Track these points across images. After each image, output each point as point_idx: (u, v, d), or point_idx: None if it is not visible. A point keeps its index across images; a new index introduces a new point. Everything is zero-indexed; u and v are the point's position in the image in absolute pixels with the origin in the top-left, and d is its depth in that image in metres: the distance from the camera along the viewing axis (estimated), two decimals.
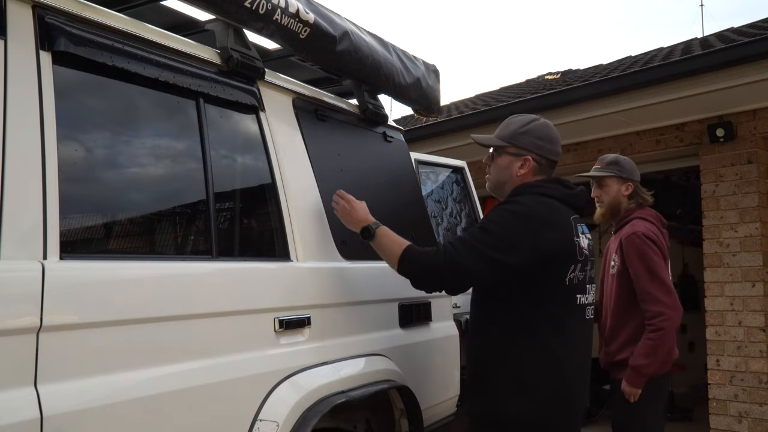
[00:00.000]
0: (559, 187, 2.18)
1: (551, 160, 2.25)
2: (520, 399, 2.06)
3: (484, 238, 2.04)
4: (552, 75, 8.58)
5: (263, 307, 2.01)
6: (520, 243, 2.01)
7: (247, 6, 2.09)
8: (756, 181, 5.12)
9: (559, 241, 2.06)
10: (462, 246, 2.05)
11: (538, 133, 2.23)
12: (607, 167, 3.08)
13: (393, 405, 2.52)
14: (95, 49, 1.71)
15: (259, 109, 2.24)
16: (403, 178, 2.99)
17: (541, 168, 2.23)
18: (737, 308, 5.15)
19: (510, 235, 2.03)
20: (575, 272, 2.09)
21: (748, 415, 5.04)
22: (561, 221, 2.10)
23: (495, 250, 2.01)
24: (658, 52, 6.74)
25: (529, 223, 2.04)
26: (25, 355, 1.39)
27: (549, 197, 2.12)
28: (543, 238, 2.02)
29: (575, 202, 2.20)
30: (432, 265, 2.05)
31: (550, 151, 2.24)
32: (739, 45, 4.59)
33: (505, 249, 2.01)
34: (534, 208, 2.07)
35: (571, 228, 2.11)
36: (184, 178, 2.01)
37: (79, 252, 1.65)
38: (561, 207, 2.13)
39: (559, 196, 2.15)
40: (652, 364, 2.83)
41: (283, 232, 2.20)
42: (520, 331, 2.08)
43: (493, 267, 2.02)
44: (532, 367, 2.06)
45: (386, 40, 2.90)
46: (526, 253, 2.01)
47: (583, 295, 2.15)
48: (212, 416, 1.79)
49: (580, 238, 2.14)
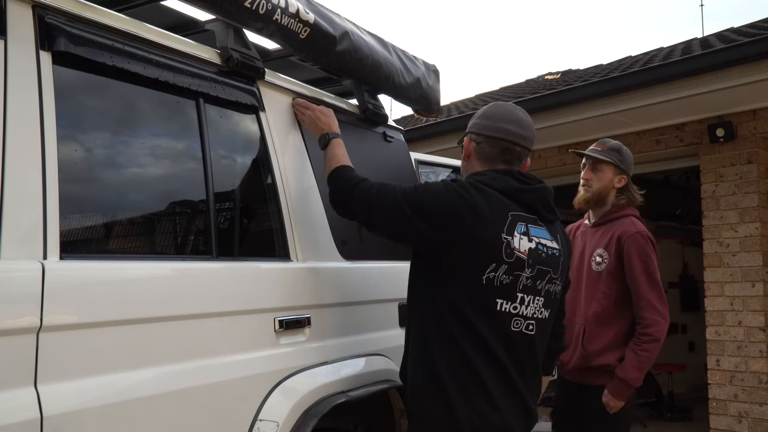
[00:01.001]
0: (506, 179, 1.94)
1: (491, 137, 1.99)
2: (434, 401, 1.87)
3: (410, 195, 1.91)
4: (552, 75, 8.58)
5: (263, 307, 2.01)
6: (436, 215, 1.87)
7: (247, 6, 2.09)
8: (756, 181, 5.13)
9: (479, 231, 1.84)
10: (391, 190, 1.95)
11: (483, 112, 2.04)
12: (607, 152, 2.83)
13: (393, 405, 2.52)
14: (95, 49, 1.71)
15: (259, 109, 2.24)
16: (403, 178, 2.98)
17: (481, 149, 2.01)
18: (737, 308, 5.15)
19: (431, 203, 1.88)
20: (497, 273, 1.85)
21: (748, 415, 5.04)
22: (490, 213, 1.86)
23: (412, 208, 1.88)
24: (658, 52, 6.74)
25: (451, 200, 1.86)
26: (25, 355, 1.39)
27: (488, 187, 1.89)
28: (460, 221, 1.84)
29: (525, 199, 1.94)
30: (355, 191, 1.99)
31: (486, 127, 1.99)
32: (739, 45, 4.60)
33: (422, 214, 1.88)
34: (463, 189, 1.87)
35: (502, 223, 1.87)
36: (184, 178, 2.01)
37: (79, 252, 1.65)
38: (500, 199, 1.89)
39: (502, 188, 1.91)
40: (642, 377, 2.63)
41: (283, 232, 2.20)
42: (432, 325, 1.91)
43: (405, 223, 1.90)
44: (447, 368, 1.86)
45: (386, 40, 2.90)
46: (437, 228, 1.86)
47: (509, 302, 1.88)
48: (212, 416, 1.79)
49: (515, 238, 1.87)
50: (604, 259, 2.77)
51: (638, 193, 2.89)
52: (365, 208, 1.99)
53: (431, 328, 1.91)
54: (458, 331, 1.86)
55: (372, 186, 1.99)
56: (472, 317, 1.86)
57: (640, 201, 2.89)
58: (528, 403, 1.96)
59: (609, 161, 2.82)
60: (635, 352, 2.61)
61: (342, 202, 2.07)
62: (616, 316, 2.73)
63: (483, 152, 2.02)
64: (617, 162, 2.81)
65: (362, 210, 2.01)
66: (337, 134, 2.23)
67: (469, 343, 1.85)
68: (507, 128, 1.99)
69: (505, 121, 2.00)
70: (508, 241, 1.86)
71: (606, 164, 2.83)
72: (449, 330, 1.87)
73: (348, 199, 2.03)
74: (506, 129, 1.99)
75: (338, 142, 2.21)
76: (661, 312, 2.64)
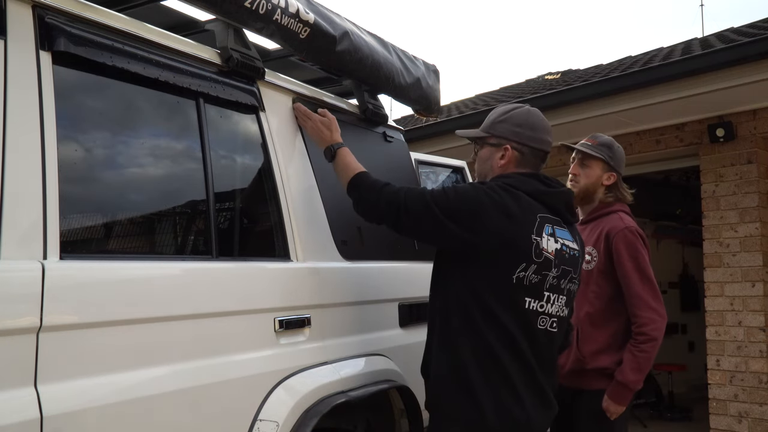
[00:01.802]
0: (532, 182, 2.02)
1: (535, 149, 2.08)
2: (458, 395, 1.93)
3: (440, 198, 1.95)
4: (552, 75, 8.58)
5: (263, 307, 2.01)
6: (466, 217, 1.91)
7: (247, 6, 2.09)
8: (756, 181, 5.12)
9: (510, 232, 1.90)
10: (419, 193, 2.00)
11: (517, 120, 2.09)
12: (597, 147, 2.72)
13: (393, 405, 2.52)
14: (95, 49, 1.71)
15: (259, 109, 2.24)
16: (403, 178, 2.98)
17: (523, 158, 2.08)
18: (737, 308, 5.15)
19: (462, 205, 1.93)
20: (527, 272, 1.91)
21: (748, 415, 5.04)
22: (521, 214, 1.93)
23: (442, 210, 1.93)
24: (658, 52, 6.74)
25: (482, 202, 1.91)
26: (25, 355, 1.39)
27: (516, 189, 1.97)
28: (492, 222, 1.89)
29: (550, 201, 2.02)
30: (382, 196, 2.03)
31: (531, 138, 2.07)
32: (739, 45, 4.60)
33: (452, 216, 1.92)
34: (493, 191, 1.93)
35: (532, 225, 1.94)
36: (184, 178, 2.01)
37: (79, 252, 1.65)
38: (528, 201, 1.96)
39: (529, 190, 1.98)
40: (642, 379, 2.52)
41: (283, 232, 2.20)
42: (459, 318, 1.96)
43: (435, 225, 1.94)
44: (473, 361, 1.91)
45: (386, 40, 2.90)
46: (468, 229, 1.91)
47: (536, 300, 1.95)
48: (212, 416, 1.79)
49: (544, 239, 1.95)
50: (593, 257, 2.66)
51: (628, 192, 2.79)
52: (395, 212, 2.02)
53: (458, 323, 1.96)
54: (485, 327, 1.91)
55: (399, 190, 2.04)
56: (500, 314, 1.91)
57: (629, 200, 2.78)
58: (549, 397, 2.03)
59: (598, 157, 2.70)
60: (633, 354, 2.51)
61: (369, 208, 2.11)
62: (610, 317, 2.62)
63: (524, 161, 2.08)
64: (607, 158, 2.70)
65: (392, 214, 2.03)
66: (341, 144, 2.25)
67: (496, 339, 1.91)
68: (547, 139, 2.12)
69: (545, 132, 2.12)
70: (538, 241, 1.93)
71: (595, 160, 2.71)
72: (477, 325, 1.92)
73: (375, 205, 2.07)
74: (546, 140, 2.12)
75: (345, 151, 2.23)
76: (656, 309, 2.53)
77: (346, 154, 2.23)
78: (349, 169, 2.18)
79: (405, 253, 2.77)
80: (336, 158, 2.23)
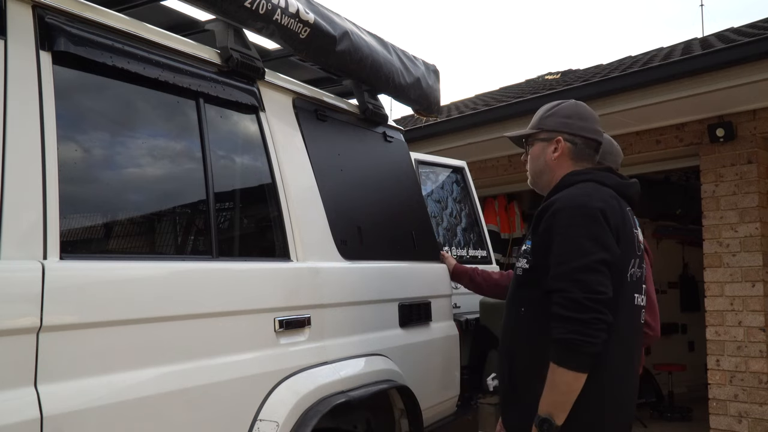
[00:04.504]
0: (612, 176, 1.98)
1: (587, 138, 2.03)
2: None
3: (586, 247, 1.76)
4: (552, 75, 8.58)
5: (263, 307, 2.01)
6: (607, 237, 1.79)
7: (247, 6, 2.09)
8: (756, 181, 5.12)
9: (622, 231, 1.85)
10: (576, 272, 1.75)
11: (566, 112, 2.06)
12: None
13: (393, 405, 2.52)
14: (95, 49, 1.71)
15: (259, 109, 2.24)
16: (403, 178, 2.99)
17: (576, 149, 2.02)
18: (737, 308, 5.15)
19: (593, 232, 1.78)
20: (634, 268, 1.88)
21: (748, 415, 5.04)
22: (620, 211, 1.88)
23: (599, 249, 1.77)
24: (658, 52, 6.74)
25: (597, 215, 1.80)
26: (25, 355, 1.40)
27: (603, 185, 1.91)
28: (614, 227, 1.82)
29: (628, 193, 1.99)
30: (579, 313, 1.71)
31: (582, 128, 2.03)
32: (739, 45, 4.59)
33: (604, 245, 1.78)
34: (595, 197, 1.85)
35: (630, 218, 1.92)
36: (184, 179, 2.01)
37: (79, 252, 1.65)
38: (616, 196, 1.91)
39: (613, 185, 1.94)
40: None
41: (283, 232, 2.20)
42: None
43: (607, 263, 1.77)
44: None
45: (386, 40, 2.91)
46: (613, 244, 1.80)
47: (640, 295, 1.92)
48: (212, 416, 1.79)
49: (638, 231, 1.95)
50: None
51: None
52: (580, 286, 1.74)
53: None
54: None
55: (577, 286, 1.74)
56: (617, 316, 1.78)
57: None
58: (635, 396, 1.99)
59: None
60: None
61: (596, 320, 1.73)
62: None
63: (578, 152, 2.03)
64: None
65: (578, 287, 1.74)
66: (550, 421, 1.77)
67: (612, 347, 1.78)
68: (597, 129, 2.08)
69: (595, 122, 2.08)
70: (637, 234, 1.92)
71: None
72: None
73: (592, 314, 1.73)
74: (597, 129, 2.07)
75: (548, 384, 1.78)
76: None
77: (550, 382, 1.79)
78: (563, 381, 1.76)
79: (405, 253, 2.78)
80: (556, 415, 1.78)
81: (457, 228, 4.16)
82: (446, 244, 3.92)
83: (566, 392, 1.75)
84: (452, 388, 2.96)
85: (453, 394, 2.98)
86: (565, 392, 1.75)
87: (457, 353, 2.99)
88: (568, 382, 1.74)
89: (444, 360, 2.91)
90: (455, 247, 4.01)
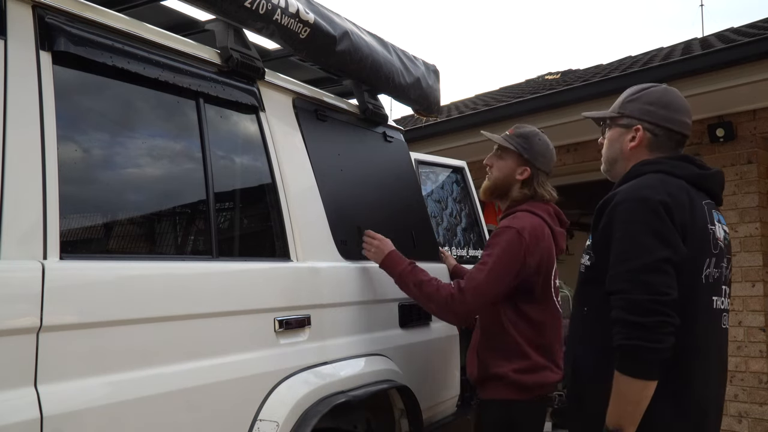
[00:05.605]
0: (687, 166, 1.80)
1: (671, 130, 1.84)
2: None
3: (648, 244, 1.63)
4: (552, 75, 8.59)
5: (263, 307, 2.01)
6: (671, 234, 1.65)
7: (247, 6, 2.09)
8: (756, 181, 5.12)
9: (691, 228, 1.68)
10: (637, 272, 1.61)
11: (651, 98, 1.87)
12: (512, 138, 2.47)
13: (393, 405, 2.52)
14: (95, 49, 1.71)
15: (259, 109, 2.24)
16: (403, 178, 2.99)
17: (657, 140, 1.85)
18: (737, 308, 5.15)
19: (654, 227, 1.65)
20: (710, 268, 1.71)
21: (748, 415, 5.04)
22: (690, 206, 1.71)
23: (665, 247, 1.63)
24: (658, 52, 6.74)
25: (658, 209, 1.65)
26: (25, 355, 1.39)
27: (674, 177, 1.75)
28: (678, 224, 1.67)
29: (708, 185, 1.82)
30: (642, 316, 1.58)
31: (665, 118, 1.84)
32: (739, 45, 4.60)
33: (668, 243, 1.64)
34: (659, 189, 1.69)
35: (704, 214, 1.74)
36: (184, 179, 2.01)
37: (79, 252, 1.65)
38: (689, 189, 1.75)
39: (687, 176, 1.77)
40: (401, 283, 2.41)
41: (283, 232, 2.20)
42: None
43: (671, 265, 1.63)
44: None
45: (386, 40, 2.91)
46: (678, 242, 1.65)
47: (719, 297, 1.75)
48: (212, 416, 1.79)
49: (716, 227, 1.76)
50: None
51: (549, 191, 2.48)
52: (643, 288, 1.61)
53: None
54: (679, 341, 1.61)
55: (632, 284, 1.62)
56: (689, 320, 1.65)
57: (548, 198, 2.47)
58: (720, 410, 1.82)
59: (511, 148, 2.44)
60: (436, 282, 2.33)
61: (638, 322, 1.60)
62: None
63: (657, 143, 1.86)
64: (521, 150, 2.43)
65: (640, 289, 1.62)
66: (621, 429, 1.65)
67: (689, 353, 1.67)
68: (685, 121, 1.88)
69: (683, 113, 1.88)
70: (713, 231, 1.75)
71: (508, 151, 2.47)
72: None
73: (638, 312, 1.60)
74: (684, 122, 1.88)
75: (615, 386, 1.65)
76: (477, 288, 2.25)
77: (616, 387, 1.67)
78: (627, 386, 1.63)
79: (405, 252, 2.77)
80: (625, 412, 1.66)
81: (457, 228, 4.17)
82: (446, 244, 3.92)
83: (634, 402, 1.60)
84: (452, 388, 2.96)
85: (453, 394, 2.98)
86: (633, 402, 1.61)
87: (457, 353, 2.99)
88: (635, 392, 1.60)
89: (444, 360, 2.91)
90: (455, 247, 4.01)
